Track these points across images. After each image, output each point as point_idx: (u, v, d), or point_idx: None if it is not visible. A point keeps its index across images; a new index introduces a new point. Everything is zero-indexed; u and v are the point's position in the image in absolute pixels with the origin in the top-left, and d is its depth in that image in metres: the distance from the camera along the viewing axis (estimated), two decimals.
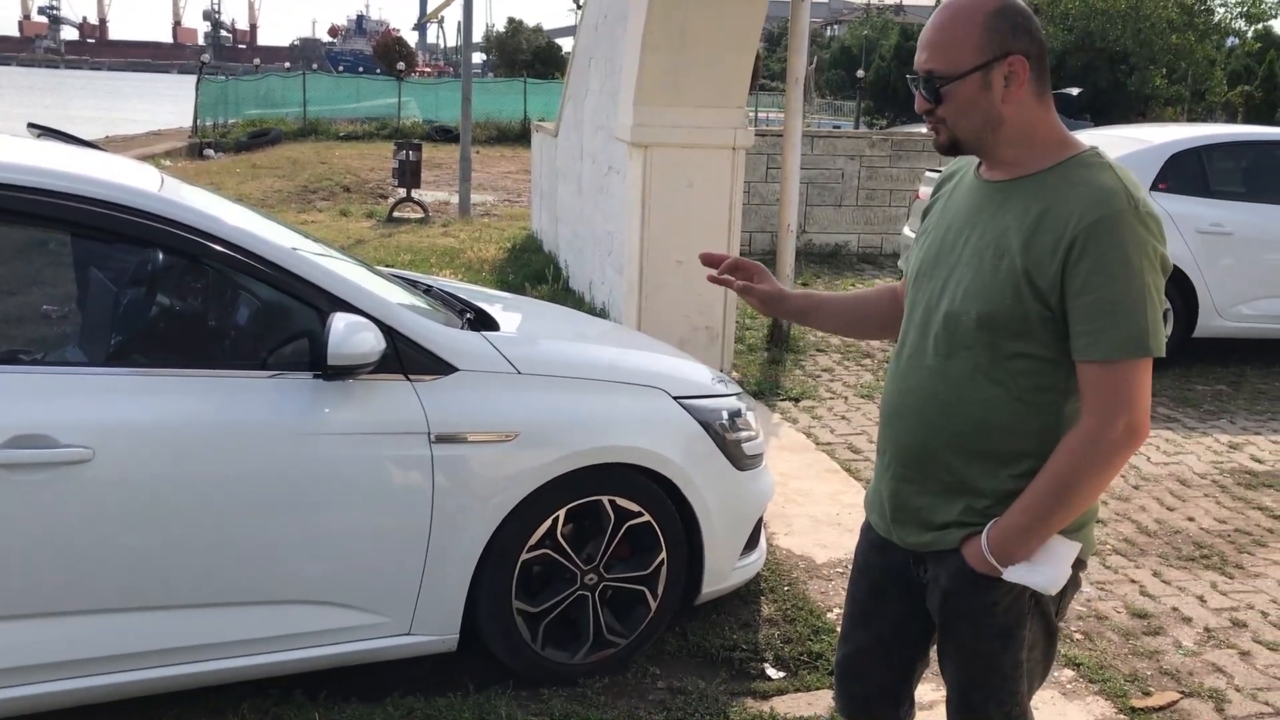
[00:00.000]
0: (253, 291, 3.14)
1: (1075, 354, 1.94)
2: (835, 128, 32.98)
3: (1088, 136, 9.07)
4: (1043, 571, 2.01)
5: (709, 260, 2.43)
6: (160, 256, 3.06)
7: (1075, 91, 30.88)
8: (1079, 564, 2.10)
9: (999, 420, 2.01)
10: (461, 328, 3.54)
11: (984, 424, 2.02)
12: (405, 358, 3.17)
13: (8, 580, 2.78)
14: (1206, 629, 4.08)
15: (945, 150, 2.07)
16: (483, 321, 3.79)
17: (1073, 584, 2.11)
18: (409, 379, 3.18)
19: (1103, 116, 31.17)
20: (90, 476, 2.79)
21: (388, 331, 3.11)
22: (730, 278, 2.41)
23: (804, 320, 2.56)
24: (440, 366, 3.23)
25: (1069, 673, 3.72)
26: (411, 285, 4.05)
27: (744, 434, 3.82)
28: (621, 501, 3.50)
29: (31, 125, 4.54)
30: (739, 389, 4.07)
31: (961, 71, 1.97)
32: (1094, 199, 1.91)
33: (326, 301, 3.08)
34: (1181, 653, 3.90)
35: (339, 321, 2.97)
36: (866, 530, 2.33)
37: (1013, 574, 2.00)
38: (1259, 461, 6.00)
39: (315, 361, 3.04)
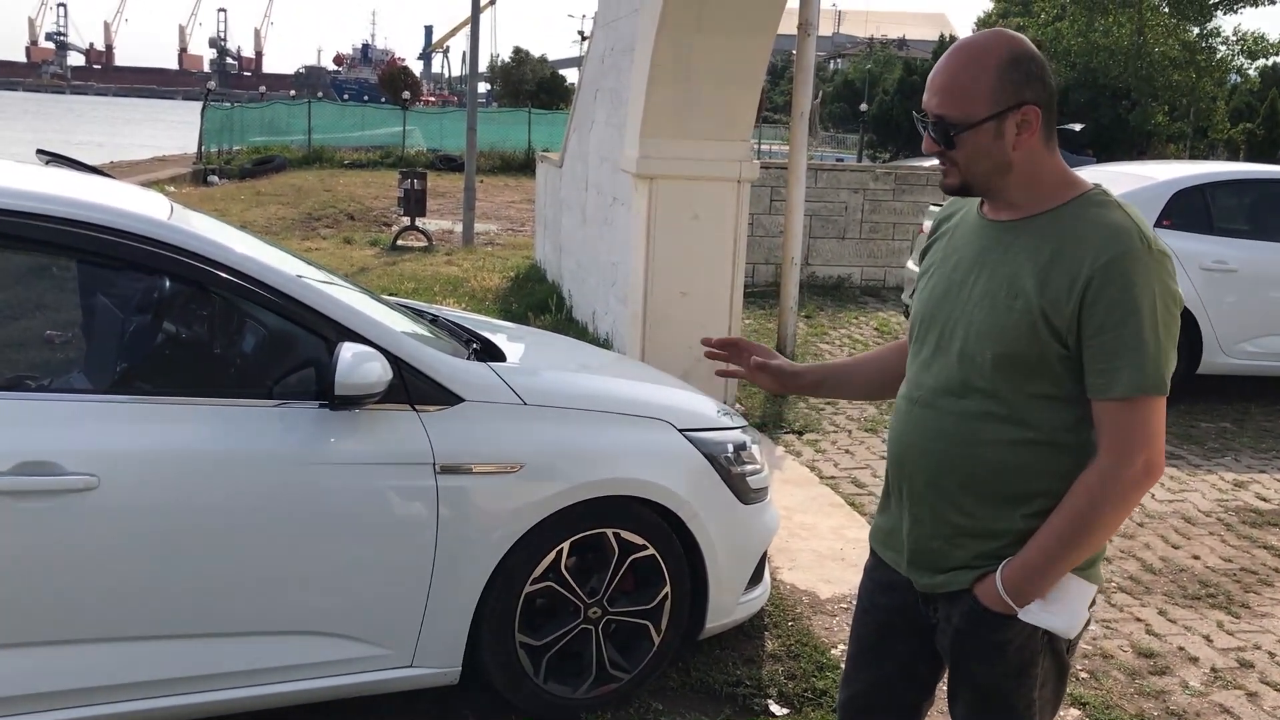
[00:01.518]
0: (260, 320, 3.13)
1: (1091, 392, 1.93)
2: (838, 160, 33.14)
3: (1092, 173, 9.11)
4: (1061, 615, 2.00)
5: (710, 343, 2.49)
6: (168, 284, 3.05)
7: (1078, 127, 31.03)
8: (1090, 602, 2.08)
9: (1015, 461, 2.00)
10: (468, 358, 3.54)
11: (1000, 465, 2.01)
12: (412, 388, 3.16)
13: (12, 607, 2.76)
14: (1213, 669, 4.05)
15: (954, 191, 2.07)
16: (489, 352, 3.78)
17: (1087, 621, 2.09)
18: (415, 409, 3.17)
19: (1105, 152, 31.34)
20: (95, 504, 2.77)
21: (395, 361, 3.10)
22: (736, 367, 2.49)
23: (819, 392, 2.56)
24: (446, 397, 3.22)
25: (1075, 712, 3.70)
26: (417, 314, 4.05)
27: (749, 467, 3.80)
28: (626, 534, 3.48)
29: (41, 152, 4.55)
30: (744, 422, 4.06)
31: (975, 121, 1.97)
32: (1108, 237, 1.91)
33: (334, 331, 3.07)
34: (1188, 693, 3.87)
35: (347, 351, 2.96)
36: (872, 570, 2.30)
37: (1029, 615, 1.99)
38: (1264, 500, 5.98)
39: (321, 391, 3.03)
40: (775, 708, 3.66)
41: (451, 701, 3.46)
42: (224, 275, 3.01)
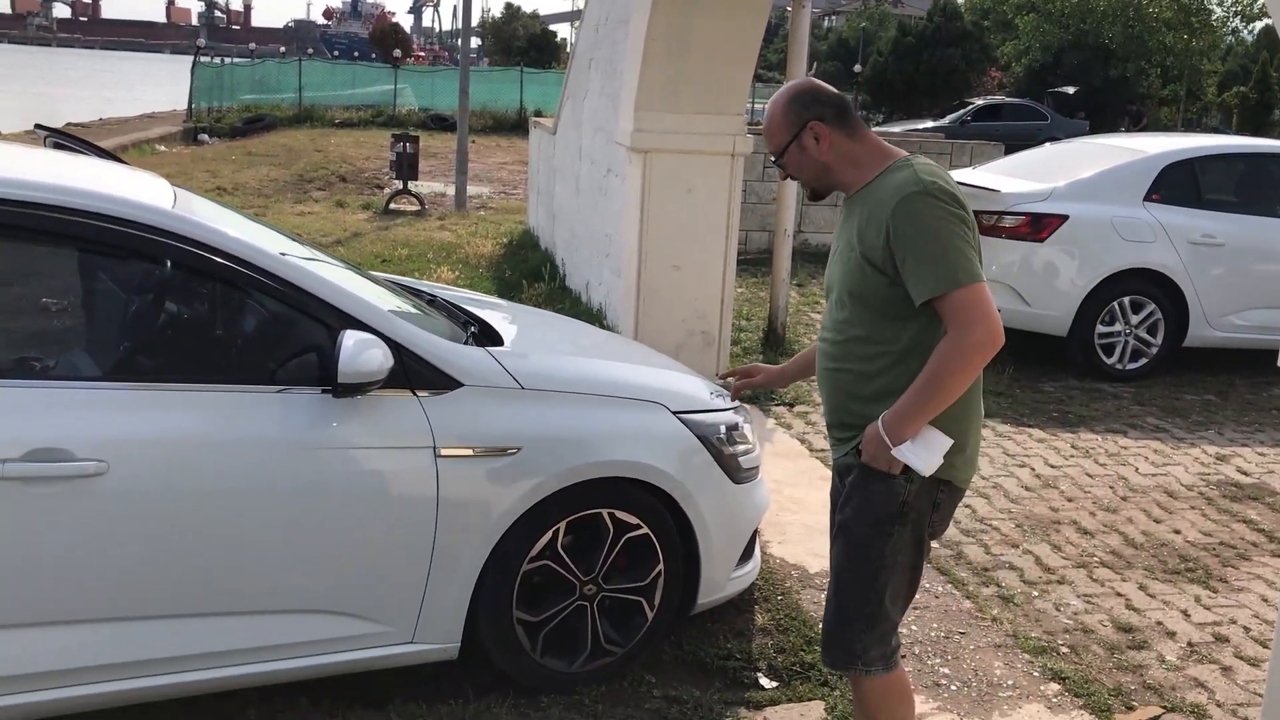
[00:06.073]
0: (264, 307, 3.20)
1: (918, 300, 2.56)
2: None
3: (1084, 145, 9.16)
4: (920, 454, 2.60)
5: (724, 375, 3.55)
6: (173, 273, 3.11)
7: (1071, 90, 30.96)
8: (955, 490, 2.76)
9: (874, 369, 2.70)
10: (465, 342, 3.61)
11: (864, 373, 2.72)
12: (412, 373, 3.24)
13: (26, 589, 2.85)
14: (1190, 644, 4.17)
15: (812, 197, 2.90)
16: (486, 334, 3.85)
17: (944, 508, 2.77)
18: (415, 394, 3.24)
19: (1098, 115, 31.29)
20: (104, 489, 2.85)
21: (395, 348, 3.17)
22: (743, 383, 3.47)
23: (804, 376, 3.31)
24: (446, 382, 3.30)
25: (1054, 686, 3.81)
26: (416, 295, 4.11)
27: (741, 447, 3.89)
28: (621, 514, 3.57)
29: (39, 127, 4.57)
30: (736, 402, 4.14)
31: (782, 147, 2.77)
32: (893, 191, 2.60)
33: (336, 318, 3.14)
34: (1165, 667, 3.99)
35: (349, 339, 3.03)
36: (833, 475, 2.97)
37: (900, 452, 2.60)
38: (1245, 474, 6.09)
39: (324, 377, 3.10)
40: (764, 680, 3.77)
41: (451, 676, 3.55)
42: (228, 264, 3.07)
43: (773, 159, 2.83)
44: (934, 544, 2.96)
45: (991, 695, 3.77)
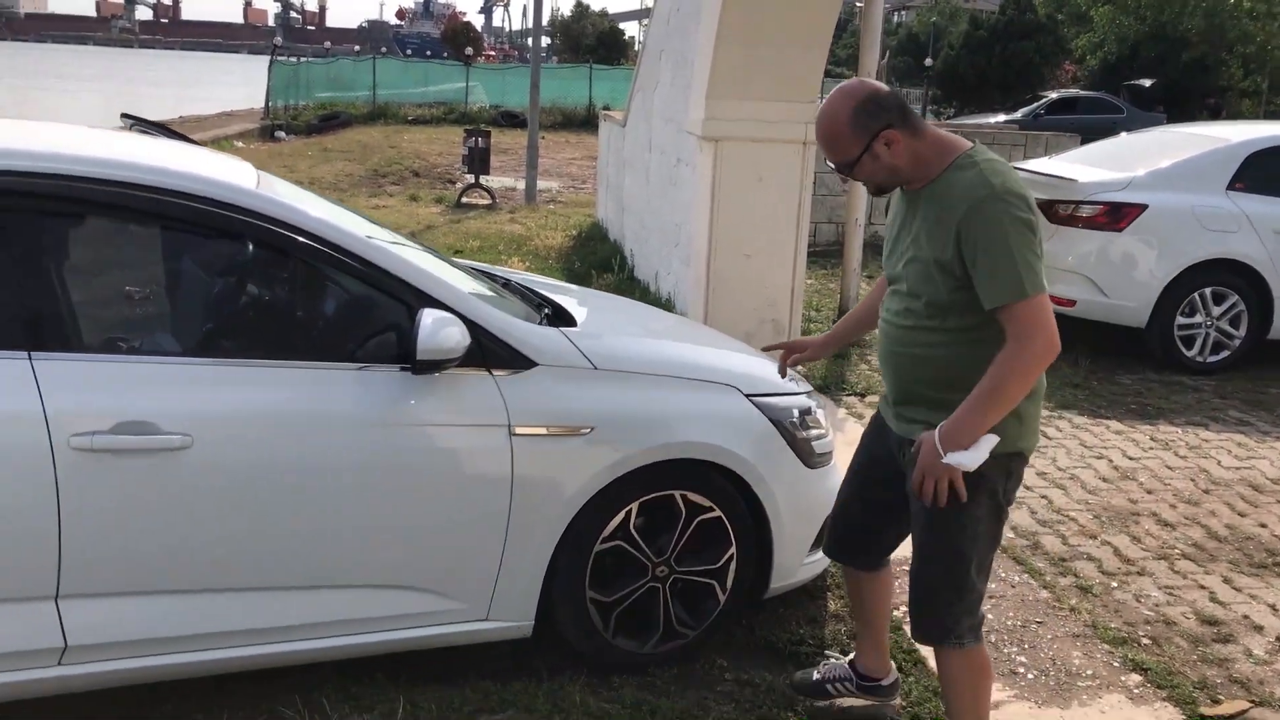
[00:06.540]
0: (344, 286, 3.24)
1: (984, 305, 2.62)
2: None
3: (1163, 134, 8.96)
4: (970, 456, 2.64)
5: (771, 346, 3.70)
6: (257, 252, 3.17)
7: (1148, 83, 30.30)
8: (1021, 458, 2.83)
9: (939, 355, 2.79)
10: (540, 323, 3.63)
11: (928, 358, 2.81)
12: (488, 352, 3.26)
13: (112, 559, 2.92)
14: (1278, 638, 4.06)
15: (876, 193, 2.91)
16: (560, 316, 3.87)
17: (1016, 476, 2.85)
18: (491, 373, 3.27)
19: (1176, 107, 30.59)
20: (189, 462, 2.91)
21: (472, 327, 3.20)
22: (792, 359, 3.49)
23: (850, 340, 3.82)
24: (521, 361, 3.32)
25: (1136, 678, 3.74)
26: (491, 279, 4.14)
27: (814, 432, 3.86)
28: (693, 496, 3.56)
29: (125, 116, 4.68)
30: (809, 386, 4.12)
31: (853, 159, 2.75)
32: (963, 195, 2.62)
33: (415, 297, 3.17)
34: (1252, 661, 3.89)
35: (427, 317, 3.06)
36: (874, 419, 3.16)
37: (950, 458, 2.64)
38: None
39: (402, 355, 3.14)
40: None
41: (524, 654, 3.58)
42: (310, 243, 3.12)
43: (835, 168, 2.83)
44: (1009, 533, 2.99)
45: (1070, 685, 3.70)
